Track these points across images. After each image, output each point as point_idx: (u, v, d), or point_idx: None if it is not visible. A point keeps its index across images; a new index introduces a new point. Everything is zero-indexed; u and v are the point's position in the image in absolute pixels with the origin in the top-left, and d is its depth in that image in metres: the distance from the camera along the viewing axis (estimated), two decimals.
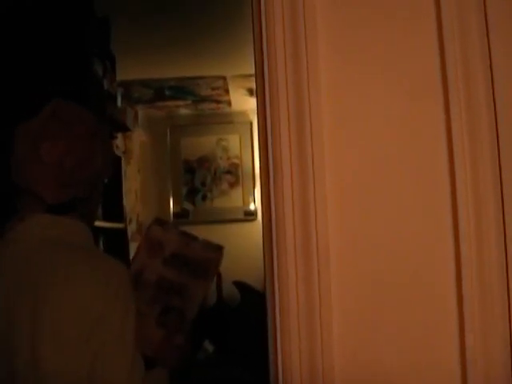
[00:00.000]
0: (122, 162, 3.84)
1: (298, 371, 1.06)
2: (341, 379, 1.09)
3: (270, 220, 1.08)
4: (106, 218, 3.18)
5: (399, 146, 1.12)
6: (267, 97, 1.08)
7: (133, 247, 4.03)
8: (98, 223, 2.96)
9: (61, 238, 1.62)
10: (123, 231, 3.69)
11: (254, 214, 4.96)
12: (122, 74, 3.67)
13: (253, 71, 1.16)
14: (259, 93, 1.13)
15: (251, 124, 4.98)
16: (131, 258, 1.98)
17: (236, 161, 5.01)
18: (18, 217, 1.62)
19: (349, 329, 1.10)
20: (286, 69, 1.07)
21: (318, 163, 1.07)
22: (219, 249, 1.90)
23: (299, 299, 1.06)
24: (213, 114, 5.08)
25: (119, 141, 4.19)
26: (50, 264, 1.56)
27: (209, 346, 4.11)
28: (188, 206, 5.03)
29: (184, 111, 5.07)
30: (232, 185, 5.02)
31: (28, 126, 1.62)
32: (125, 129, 3.95)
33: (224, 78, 4.27)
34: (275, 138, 1.08)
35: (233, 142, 5.02)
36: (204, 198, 5.03)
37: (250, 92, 4.51)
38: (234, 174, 5.01)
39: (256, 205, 4.96)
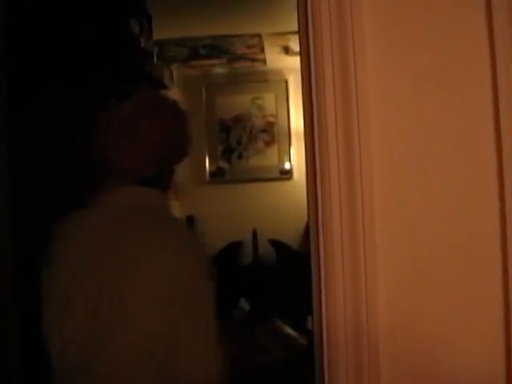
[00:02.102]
0: None
1: (343, 321, 1.08)
2: (385, 329, 1.10)
3: (315, 177, 1.09)
4: None
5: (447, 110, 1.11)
6: (312, 55, 1.08)
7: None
8: None
9: (146, 207, 1.74)
10: None
11: (289, 172, 4.95)
12: (157, 33, 3.65)
13: (288, 29, 1.16)
14: (303, 51, 1.12)
15: (287, 82, 4.94)
16: None
17: (271, 119, 4.99)
18: (101, 190, 1.76)
19: (393, 281, 1.11)
20: (330, 27, 1.07)
21: (363, 120, 1.07)
22: None
23: (344, 252, 1.07)
24: (248, 73, 5.04)
25: None
26: (138, 231, 1.66)
27: (245, 305, 4.14)
28: (224, 164, 5.05)
29: (219, 70, 5.04)
30: (268, 143, 5.00)
31: (117, 109, 1.77)
32: (162, 86, 3.94)
33: (259, 36, 4.22)
34: (320, 96, 1.07)
35: (268, 100, 4.99)
36: (240, 156, 5.03)
37: (286, 50, 4.46)
38: (270, 133, 5.00)
39: (292, 163, 4.95)
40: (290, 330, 3.12)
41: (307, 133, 1.12)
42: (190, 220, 4.94)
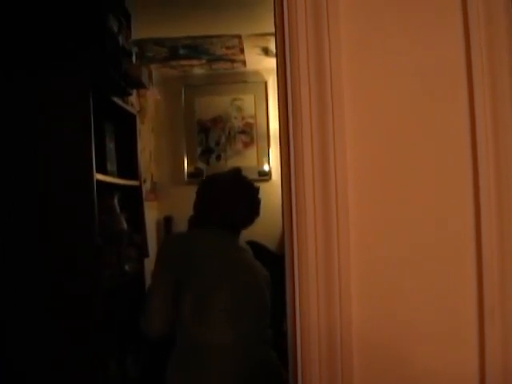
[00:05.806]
0: (137, 120, 3.81)
1: (316, 322, 1.08)
2: (358, 329, 1.10)
3: (290, 180, 1.09)
4: (121, 176, 3.18)
5: (420, 101, 1.12)
6: (287, 57, 1.08)
7: (147, 206, 4.04)
8: (113, 180, 2.97)
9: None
10: (138, 189, 3.68)
11: (268, 174, 4.96)
12: (137, 33, 3.64)
13: (268, 30, 1.16)
14: (279, 53, 1.12)
15: (266, 84, 4.95)
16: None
17: (251, 120, 5.00)
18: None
19: (367, 281, 1.11)
20: (306, 28, 1.07)
21: (338, 121, 1.07)
22: None
23: (318, 254, 1.07)
24: (227, 74, 5.05)
25: (134, 99, 4.18)
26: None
27: None
28: (202, 165, 5.05)
29: (198, 70, 5.04)
30: (246, 145, 5.02)
31: None
32: (140, 85, 3.91)
33: (239, 37, 4.22)
34: (295, 98, 1.07)
35: (247, 101, 5.00)
36: (218, 157, 5.04)
37: (265, 51, 4.47)
38: (249, 134, 5.01)
39: (270, 165, 4.95)
40: None
41: (282, 135, 1.12)
42: (169, 220, 4.92)
